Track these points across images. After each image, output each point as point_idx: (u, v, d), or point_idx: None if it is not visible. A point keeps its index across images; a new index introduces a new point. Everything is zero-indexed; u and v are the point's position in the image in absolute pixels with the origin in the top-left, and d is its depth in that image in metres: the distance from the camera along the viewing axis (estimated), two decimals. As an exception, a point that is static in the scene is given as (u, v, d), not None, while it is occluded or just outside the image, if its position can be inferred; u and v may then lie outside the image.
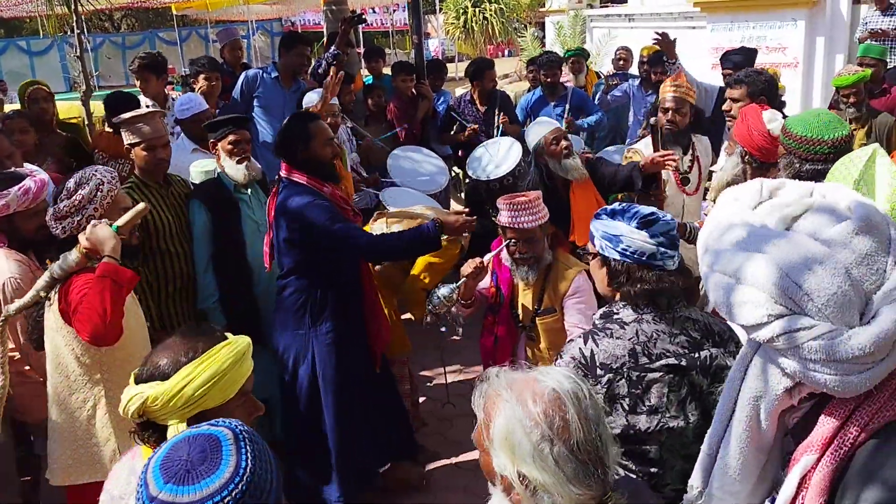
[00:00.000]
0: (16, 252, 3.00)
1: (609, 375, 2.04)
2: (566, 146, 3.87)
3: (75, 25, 6.13)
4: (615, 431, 1.99)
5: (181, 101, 4.67)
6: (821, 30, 9.50)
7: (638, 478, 2.04)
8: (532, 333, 3.18)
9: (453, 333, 3.85)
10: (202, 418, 1.56)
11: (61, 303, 2.61)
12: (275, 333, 3.63)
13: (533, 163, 4.00)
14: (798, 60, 9.50)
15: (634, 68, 8.00)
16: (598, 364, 2.06)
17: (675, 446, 2.09)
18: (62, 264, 2.59)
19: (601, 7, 18.35)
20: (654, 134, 4.14)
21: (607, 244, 2.10)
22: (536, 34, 17.64)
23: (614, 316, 2.13)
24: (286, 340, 3.57)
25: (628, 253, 2.06)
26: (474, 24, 15.01)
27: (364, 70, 7.64)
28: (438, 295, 3.06)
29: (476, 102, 6.23)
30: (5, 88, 12.40)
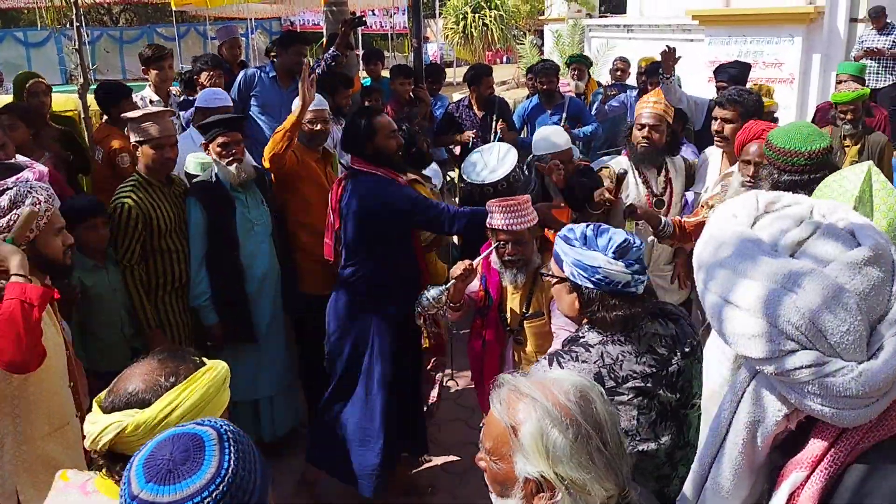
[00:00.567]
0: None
1: None
2: (568, 171, 3.81)
3: (75, 18, 6.11)
4: None
5: (212, 92, 4.70)
6: (817, 47, 9.58)
7: None
8: (520, 337, 3.19)
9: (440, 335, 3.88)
10: None
11: None
12: (333, 319, 3.71)
13: (534, 170, 3.95)
14: (794, 76, 9.58)
15: (632, 79, 8.05)
16: None
17: (648, 468, 2.07)
18: None
19: (600, 17, 18.44)
20: (630, 151, 4.00)
21: (580, 272, 2.03)
22: (535, 42, 17.71)
23: (580, 339, 2.09)
24: (345, 325, 3.66)
25: (603, 283, 2.01)
26: (473, 30, 15.04)
27: (363, 72, 7.65)
28: (427, 297, 3.06)
29: (474, 107, 6.25)
30: (1, 79, 12.36)
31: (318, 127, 4.16)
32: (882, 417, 1.21)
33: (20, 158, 3.66)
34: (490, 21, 14.96)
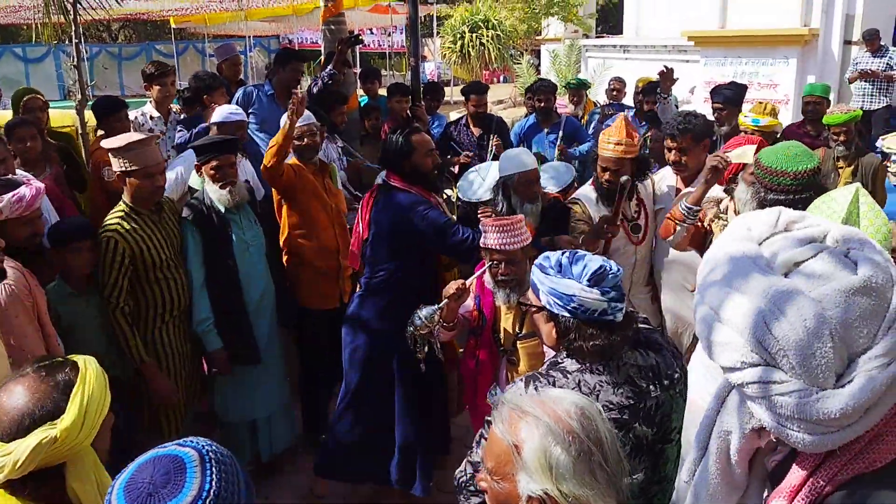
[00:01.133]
0: (10, 259, 2.97)
1: None
2: (535, 191, 3.80)
3: (73, 34, 6.13)
4: None
5: (228, 108, 4.66)
6: (812, 68, 9.66)
7: None
8: (513, 357, 3.17)
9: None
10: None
11: None
12: (352, 330, 3.74)
13: (501, 190, 3.84)
14: (789, 98, 9.65)
15: (628, 99, 8.09)
16: None
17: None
18: None
19: (596, 37, 18.59)
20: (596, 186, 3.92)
21: (556, 301, 1.99)
22: (532, 62, 17.81)
23: (558, 364, 2.05)
24: (368, 338, 3.68)
25: (579, 311, 1.96)
26: (471, 50, 15.10)
27: (360, 90, 7.69)
28: (420, 316, 3.02)
29: (471, 126, 6.28)
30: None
31: (306, 141, 4.21)
32: (863, 450, 1.19)
33: (20, 173, 3.68)
34: (487, 41, 15.03)
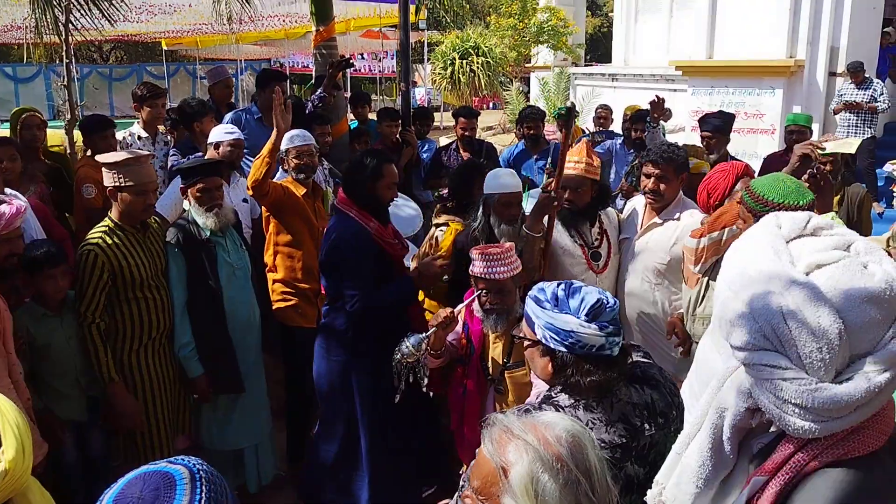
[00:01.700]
0: None
1: None
2: (514, 214, 3.78)
3: (65, 55, 6.14)
4: None
5: (223, 128, 4.65)
6: (797, 99, 9.79)
7: None
8: (500, 387, 3.11)
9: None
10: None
11: None
12: (315, 358, 3.69)
13: (481, 208, 3.83)
14: (775, 127, 9.75)
15: (616, 126, 8.16)
16: None
17: None
18: None
19: (585, 66, 18.79)
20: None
21: (553, 336, 1.94)
22: (521, 89, 17.98)
23: (552, 398, 2.00)
24: (324, 366, 3.63)
25: (577, 347, 1.91)
26: (461, 76, 15.26)
27: (350, 115, 7.72)
28: (407, 344, 2.98)
29: (460, 151, 6.31)
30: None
31: (304, 161, 4.22)
32: (843, 439, 1.26)
33: (8, 192, 3.65)
34: (477, 67, 15.19)
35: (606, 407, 1.95)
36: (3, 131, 5.84)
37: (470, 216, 3.91)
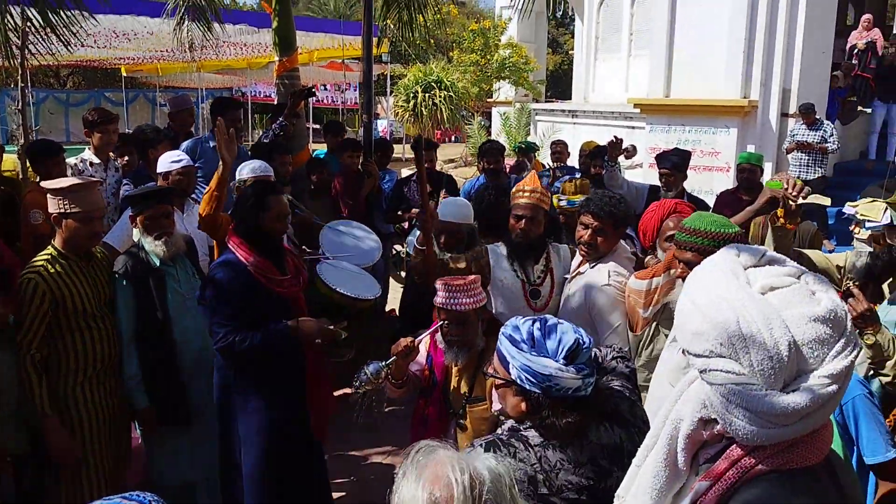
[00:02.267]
0: None
1: None
2: (450, 242, 3.81)
3: (20, 79, 6.04)
4: None
5: (171, 156, 4.49)
6: (751, 138, 10.04)
7: None
8: (462, 421, 3.06)
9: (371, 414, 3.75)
10: None
11: None
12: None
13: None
14: (729, 165, 9.96)
15: (572, 160, 8.26)
16: None
17: None
18: None
19: (546, 101, 19.08)
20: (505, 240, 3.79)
21: (529, 378, 1.88)
22: (483, 123, 18.17)
23: (520, 432, 1.96)
24: (219, 406, 3.51)
25: (553, 390, 1.87)
26: (423, 109, 15.29)
27: (314, 144, 7.68)
28: (366, 371, 2.92)
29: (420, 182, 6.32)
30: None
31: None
32: (786, 449, 1.34)
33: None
34: (440, 101, 15.23)
35: (576, 448, 1.91)
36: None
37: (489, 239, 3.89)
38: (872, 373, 3.00)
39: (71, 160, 5.09)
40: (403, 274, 6.93)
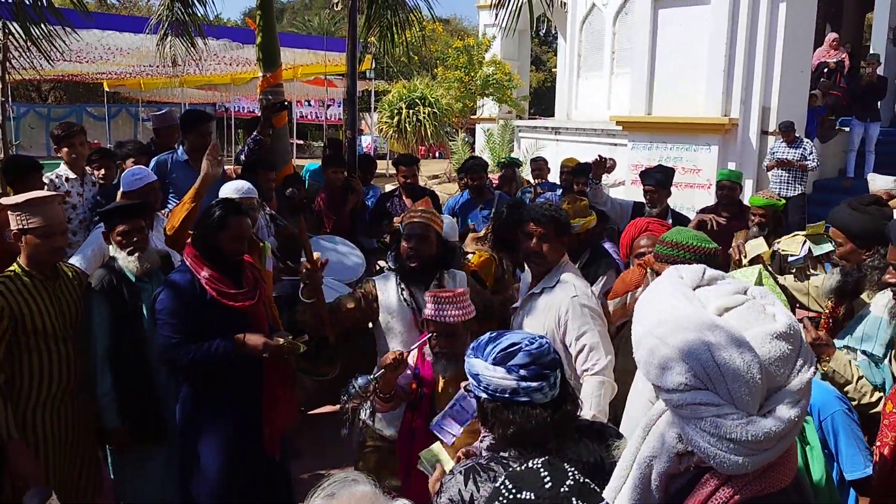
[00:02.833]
0: None
1: None
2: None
3: (0, 93, 6.00)
4: None
5: (132, 173, 4.37)
6: (732, 156, 10.14)
7: None
8: None
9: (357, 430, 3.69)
10: None
11: None
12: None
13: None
14: (710, 182, 10.04)
15: (553, 177, 8.30)
16: None
17: None
18: None
19: (529, 118, 19.21)
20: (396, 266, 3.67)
21: (473, 383, 1.95)
22: (467, 139, 18.26)
23: (500, 453, 1.94)
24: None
25: (490, 391, 1.90)
26: (407, 125, 15.38)
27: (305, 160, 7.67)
28: (355, 386, 2.90)
29: (403, 197, 6.34)
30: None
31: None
32: (761, 474, 1.32)
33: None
34: (424, 117, 15.34)
35: (556, 466, 1.87)
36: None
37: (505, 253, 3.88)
38: None
39: (47, 177, 5.02)
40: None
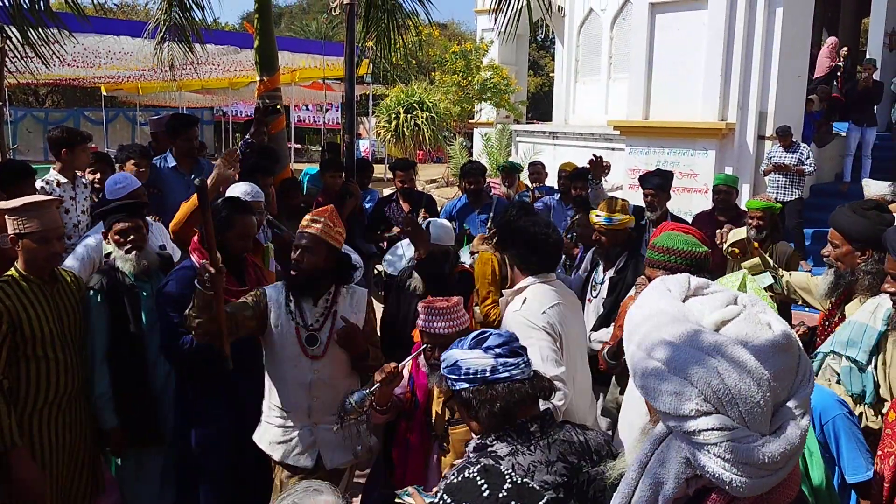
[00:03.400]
0: None
1: None
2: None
3: (-3, 97, 5.99)
4: None
5: (115, 180, 4.37)
6: (729, 160, 10.16)
7: None
8: (444, 444, 3.02)
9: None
10: None
11: None
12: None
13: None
14: (708, 187, 10.06)
15: (551, 181, 8.31)
16: None
17: None
18: None
19: (527, 123, 19.22)
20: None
21: (453, 378, 2.04)
22: (465, 144, 18.28)
23: (488, 448, 1.97)
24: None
25: (470, 375, 2.00)
26: (405, 130, 15.40)
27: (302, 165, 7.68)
28: (350, 401, 2.86)
29: (401, 202, 6.35)
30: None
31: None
32: (772, 490, 1.28)
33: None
34: (421, 121, 15.36)
35: (544, 448, 1.96)
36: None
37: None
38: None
39: (38, 183, 4.99)
40: (383, 293, 6.91)
